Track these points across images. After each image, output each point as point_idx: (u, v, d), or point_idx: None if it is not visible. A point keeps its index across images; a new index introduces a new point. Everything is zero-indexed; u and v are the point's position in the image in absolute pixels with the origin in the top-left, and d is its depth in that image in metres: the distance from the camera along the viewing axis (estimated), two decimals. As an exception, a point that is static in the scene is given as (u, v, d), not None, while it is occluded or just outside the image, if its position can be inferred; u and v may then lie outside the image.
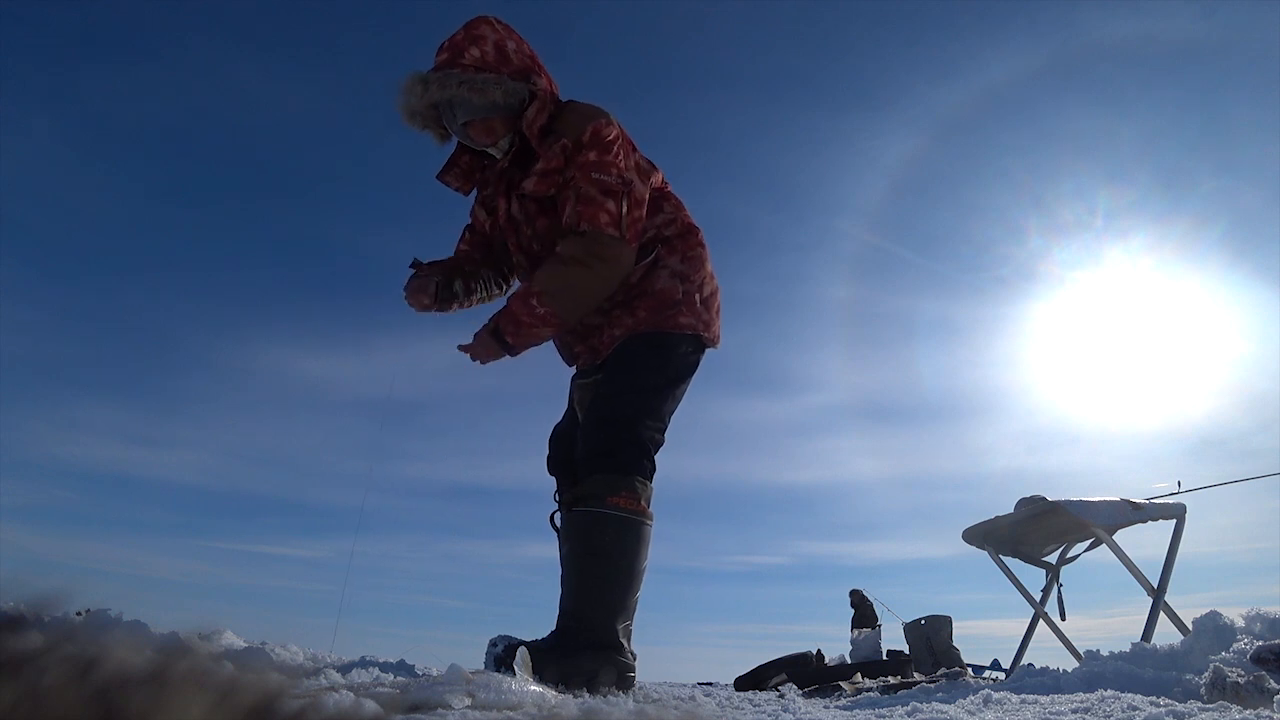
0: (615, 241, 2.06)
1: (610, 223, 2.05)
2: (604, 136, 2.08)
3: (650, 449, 2.15)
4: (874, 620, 8.11)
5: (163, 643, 1.28)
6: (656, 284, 2.23)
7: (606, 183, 2.05)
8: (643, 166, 2.23)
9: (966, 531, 4.06)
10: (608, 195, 2.05)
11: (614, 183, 2.06)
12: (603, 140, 2.08)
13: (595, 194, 2.04)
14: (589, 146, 2.07)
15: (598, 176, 2.05)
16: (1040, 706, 1.66)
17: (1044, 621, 3.85)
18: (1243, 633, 2.08)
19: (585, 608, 2.01)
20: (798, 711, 1.82)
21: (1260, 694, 1.58)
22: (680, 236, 2.31)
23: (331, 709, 0.78)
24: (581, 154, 2.07)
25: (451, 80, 2.09)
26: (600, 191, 2.05)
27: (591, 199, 2.04)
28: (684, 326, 2.23)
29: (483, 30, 2.15)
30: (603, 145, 2.08)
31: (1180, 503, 3.50)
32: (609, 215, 2.05)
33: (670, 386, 2.23)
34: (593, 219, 2.04)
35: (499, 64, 2.13)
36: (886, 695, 2.59)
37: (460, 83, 2.09)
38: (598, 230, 2.04)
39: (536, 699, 1.09)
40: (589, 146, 2.07)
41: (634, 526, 2.05)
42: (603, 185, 2.05)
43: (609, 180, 2.06)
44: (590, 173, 2.05)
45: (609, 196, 2.05)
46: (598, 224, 2.04)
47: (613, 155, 2.08)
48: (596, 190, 2.04)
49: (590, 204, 2.04)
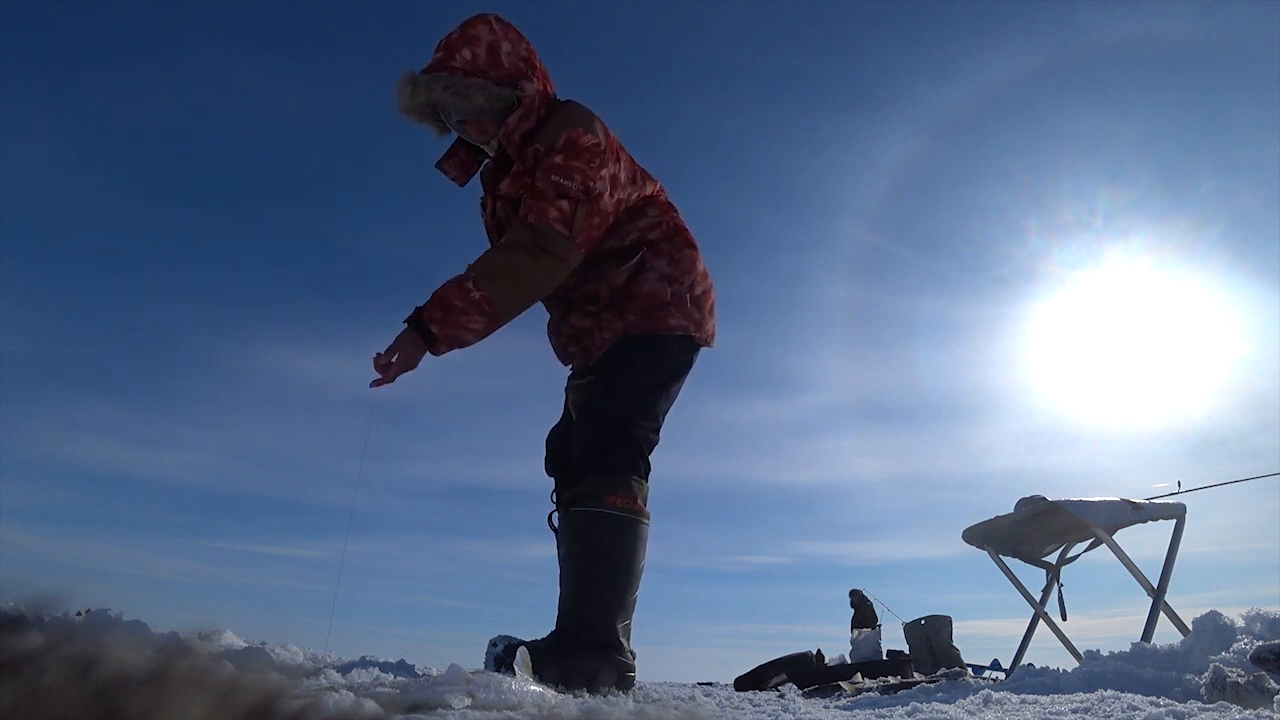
0: (563, 239, 2.04)
1: (559, 219, 2.03)
2: (578, 144, 2.07)
3: (645, 449, 2.15)
4: (874, 620, 8.11)
5: (163, 643, 1.28)
6: (644, 287, 2.23)
7: (564, 186, 2.04)
8: (629, 177, 2.22)
9: (966, 531, 4.06)
10: (561, 196, 2.03)
11: (572, 187, 2.04)
12: (575, 146, 2.06)
13: (549, 192, 2.03)
14: (559, 151, 2.06)
15: (556, 179, 2.04)
16: (1040, 706, 1.66)
17: (1044, 621, 3.85)
18: (1243, 633, 2.08)
19: (584, 607, 2.01)
20: (798, 711, 1.82)
21: (1260, 694, 1.58)
22: (666, 239, 2.30)
23: (331, 709, 0.78)
24: (548, 157, 2.06)
25: (437, 84, 2.10)
26: (555, 192, 2.03)
27: (544, 195, 2.04)
28: (674, 327, 2.23)
29: (479, 30, 2.15)
30: (573, 151, 2.06)
31: (1180, 503, 3.51)
32: (559, 212, 2.03)
33: (663, 386, 2.23)
34: (541, 214, 2.03)
35: (489, 67, 2.13)
36: (886, 695, 2.59)
37: (445, 87, 2.09)
38: (545, 224, 2.03)
39: (536, 699, 1.09)
40: (559, 151, 2.06)
41: (631, 526, 2.05)
42: (559, 187, 2.03)
43: (567, 184, 2.04)
44: (550, 174, 2.04)
45: (563, 198, 2.03)
46: (545, 219, 2.03)
47: (581, 162, 2.06)
48: (552, 190, 2.03)
49: (541, 199, 2.03)
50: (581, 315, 2.29)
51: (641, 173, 2.30)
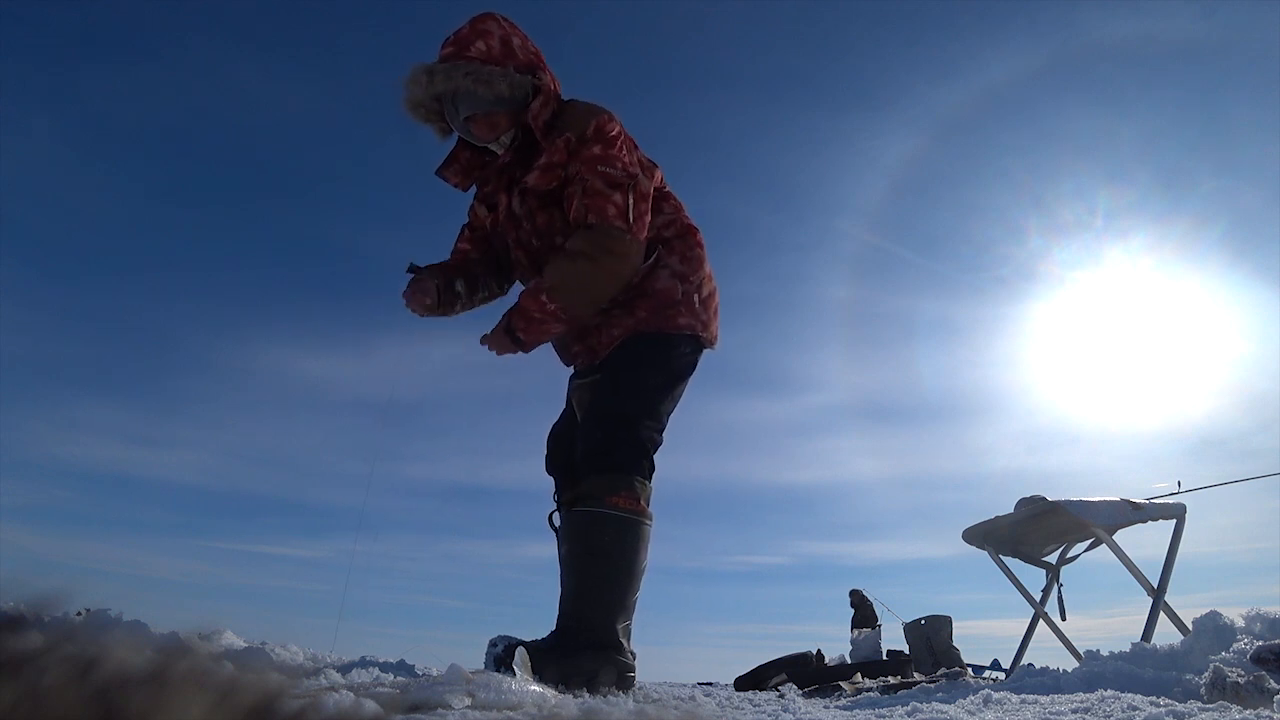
0: (623, 234, 2.05)
1: (618, 215, 2.04)
2: (607, 131, 2.08)
3: (649, 449, 2.15)
4: (874, 620, 8.11)
5: (163, 643, 1.28)
6: (656, 284, 2.23)
7: (613, 176, 2.05)
8: (645, 164, 2.23)
9: (966, 531, 4.06)
10: (614, 188, 2.04)
11: (620, 176, 2.05)
12: (606, 135, 2.08)
13: (602, 187, 2.04)
14: (593, 140, 2.06)
15: (604, 169, 2.04)
16: (1040, 706, 1.66)
17: (1044, 621, 3.85)
18: (1243, 633, 2.08)
19: (585, 608, 2.01)
20: (798, 711, 1.81)
21: (1260, 694, 1.58)
22: (679, 237, 2.30)
23: (331, 709, 0.78)
24: (586, 148, 2.06)
25: (458, 71, 2.09)
26: (606, 184, 2.04)
27: (598, 192, 2.04)
28: (683, 327, 2.23)
29: (488, 25, 2.15)
30: (607, 140, 2.07)
31: (1180, 503, 3.51)
32: (616, 208, 2.04)
33: (669, 386, 2.23)
34: (600, 212, 2.03)
35: (505, 58, 2.13)
36: (886, 695, 2.59)
37: (466, 74, 2.08)
38: (606, 223, 2.03)
39: (536, 699, 1.09)
40: (593, 140, 2.06)
41: (633, 526, 2.05)
42: (609, 178, 2.04)
43: (615, 174, 2.05)
44: (596, 166, 2.05)
45: (615, 189, 2.04)
46: (605, 217, 2.03)
47: (617, 149, 2.08)
48: (603, 183, 2.04)
49: (597, 197, 2.04)
50: None
51: (648, 162, 2.30)
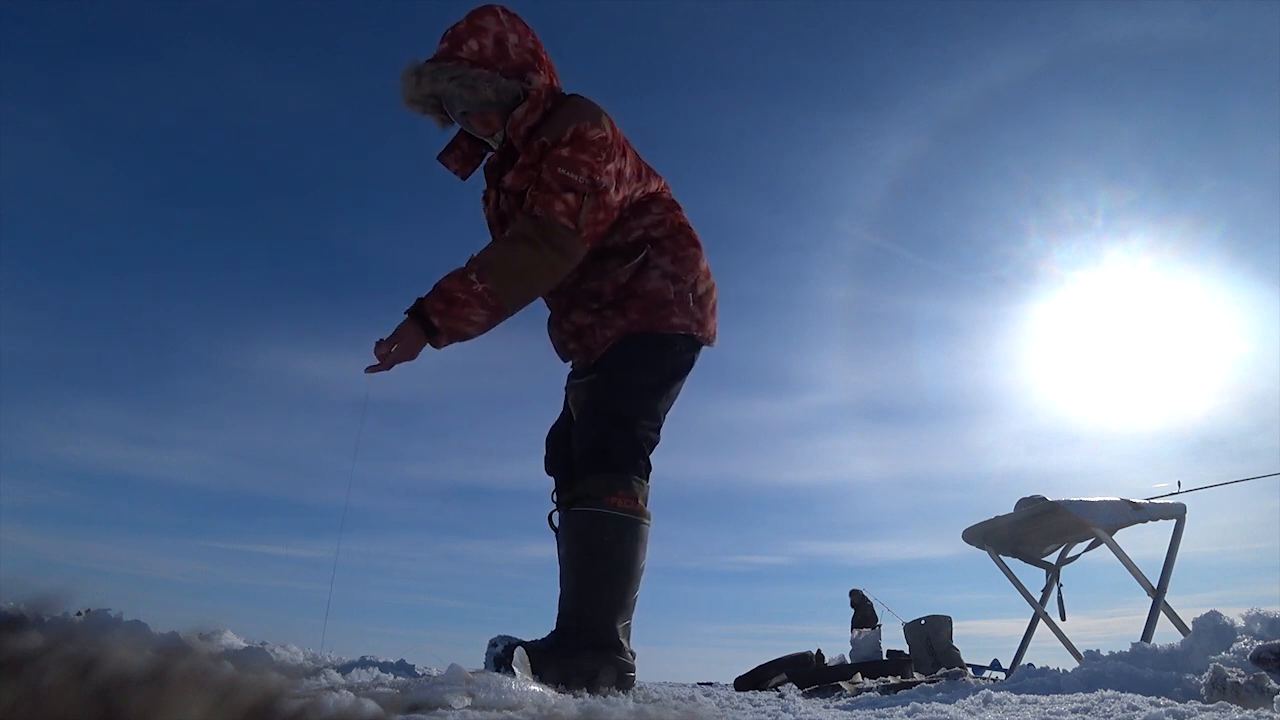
0: (568, 231, 2.02)
1: (565, 213, 2.02)
2: (585, 137, 2.06)
3: (645, 448, 2.15)
4: (874, 620, 8.11)
5: (163, 643, 1.28)
6: (647, 285, 2.22)
7: (570, 179, 2.02)
8: (634, 173, 2.21)
9: (966, 531, 4.06)
10: (568, 190, 2.02)
11: (579, 180, 2.03)
12: (583, 140, 2.05)
13: (556, 186, 2.02)
14: (565, 144, 2.05)
15: (563, 172, 2.02)
16: (1040, 706, 1.66)
17: (1044, 621, 3.85)
18: (1243, 633, 2.08)
19: (584, 607, 2.01)
20: (798, 711, 1.82)
21: (1260, 694, 1.58)
22: (670, 237, 2.29)
23: (331, 709, 0.78)
24: (555, 149, 2.05)
25: (443, 75, 2.08)
26: (561, 185, 2.02)
27: (550, 188, 2.02)
28: (677, 326, 2.22)
29: (486, 21, 2.14)
30: (580, 144, 2.05)
31: (1180, 503, 3.51)
32: (565, 206, 2.02)
33: (664, 385, 2.22)
34: (547, 206, 2.01)
35: (496, 59, 2.12)
36: (886, 695, 2.59)
37: (452, 78, 2.07)
38: (550, 217, 2.01)
39: (536, 699, 1.09)
40: (565, 144, 2.05)
41: (632, 526, 2.05)
42: (565, 180, 2.02)
43: (574, 177, 2.03)
44: (557, 167, 2.03)
45: (569, 191, 2.02)
46: (551, 211, 2.01)
47: (589, 155, 2.05)
48: (558, 184, 2.02)
49: (548, 192, 2.02)
50: (583, 312, 2.28)
51: (647, 169, 2.29)
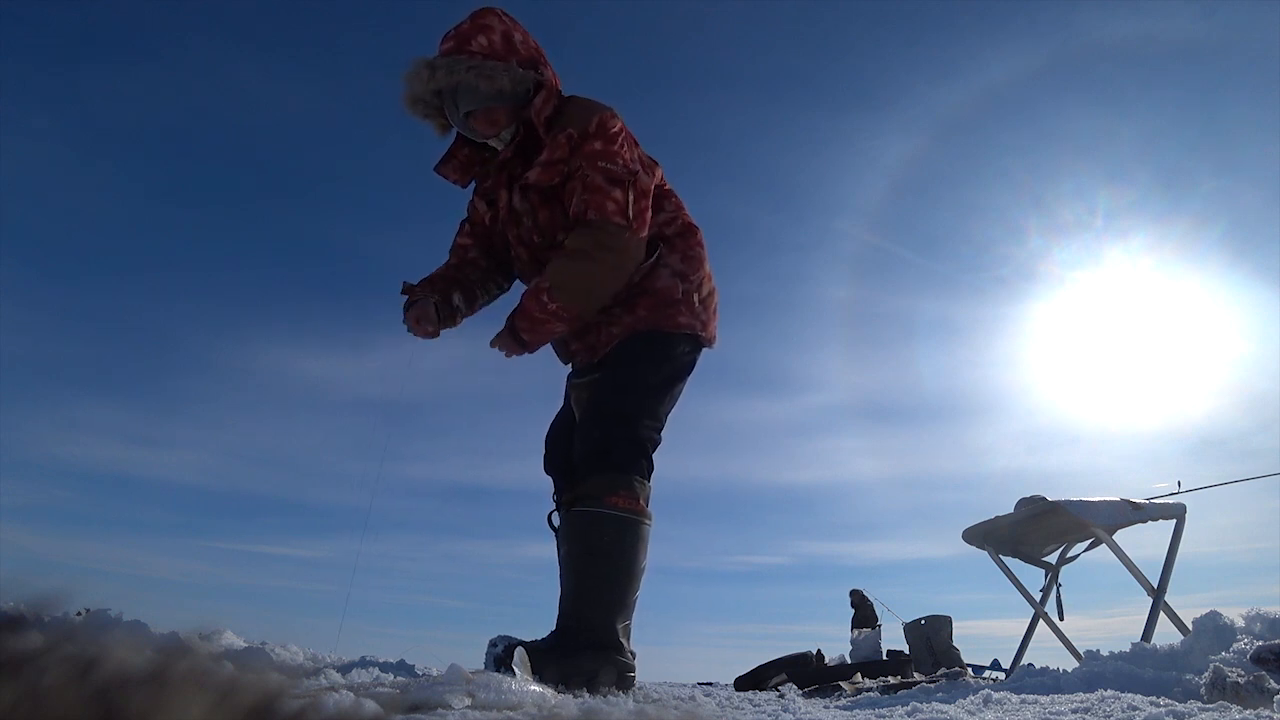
0: (623, 230, 2.05)
1: (618, 211, 2.04)
2: (609, 128, 2.08)
3: (648, 448, 2.15)
4: (874, 620, 8.12)
5: (163, 643, 1.28)
6: (657, 282, 2.23)
7: (613, 171, 2.04)
8: (645, 162, 2.23)
9: (966, 531, 4.06)
10: (614, 184, 2.04)
11: (621, 172, 2.05)
12: (608, 131, 2.08)
13: (602, 183, 2.03)
14: (594, 136, 2.06)
15: (604, 165, 2.04)
16: (1040, 706, 1.66)
17: (1044, 621, 3.85)
18: (1243, 633, 2.08)
19: (585, 608, 2.01)
20: (798, 711, 1.81)
21: (1260, 694, 1.57)
22: (680, 235, 2.30)
23: (331, 709, 0.78)
24: (587, 144, 2.06)
25: (459, 66, 2.08)
26: (607, 180, 2.04)
27: (598, 188, 2.04)
28: (682, 326, 2.23)
29: (489, 20, 2.15)
30: (608, 136, 2.07)
31: (1180, 503, 3.51)
32: (616, 204, 2.04)
33: (668, 386, 2.22)
34: (600, 208, 2.03)
35: (506, 53, 2.13)
36: (886, 695, 2.59)
37: (469, 68, 2.07)
38: (605, 219, 2.03)
39: (536, 699, 1.09)
40: (594, 136, 2.06)
41: (633, 526, 2.05)
42: (609, 174, 2.04)
43: (616, 169, 2.05)
44: (597, 162, 2.04)
45: (615, 185, 2.04)
46: (605, 213, 2.03)
47: (618, 146, 2.08)
48: (603, 179, 2.04)
49: (597, 193, 2.03)
50: None
51: (649, 159, 2.30)
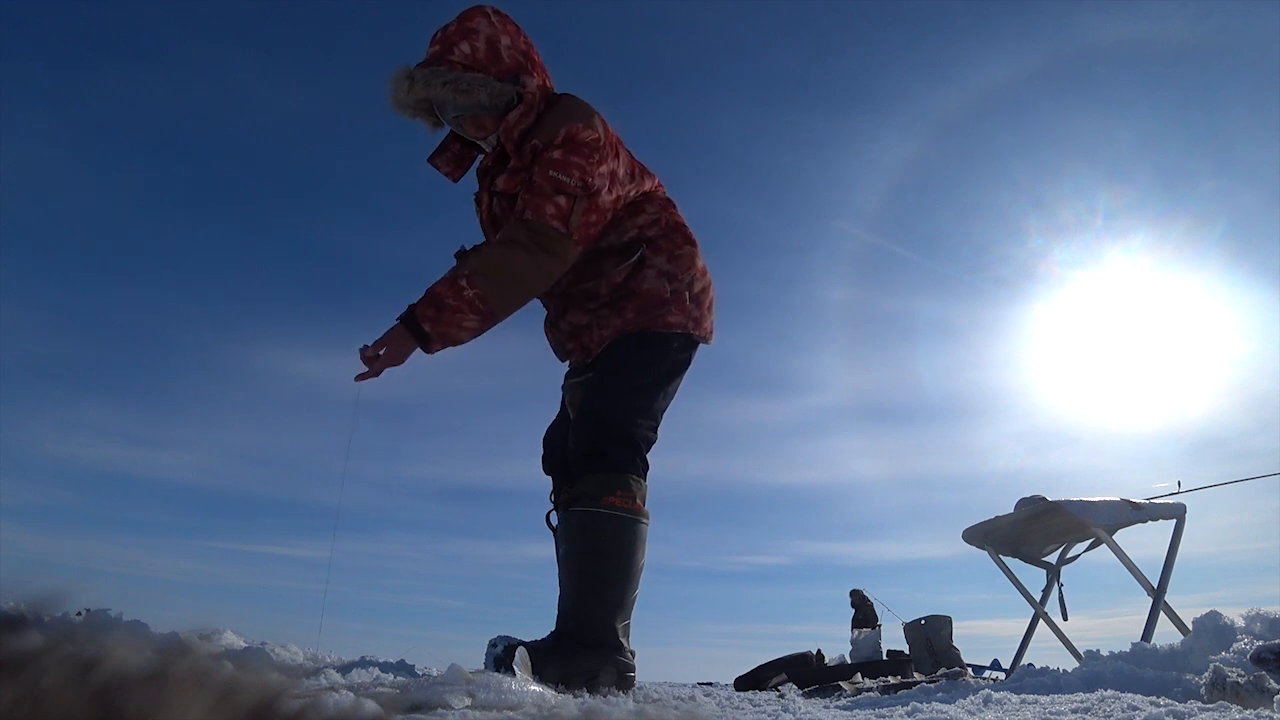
0: (559, 235, 2.02)
1: (556, 216, 2.01)
2: (577, 139, 2.05)
3: (643, 447, 2.14)
4: (874, 620, 8.12)
5: (163, 643, 1.28)
6: (643, 284, 2.22)
7: (562, 182, 2.02)
8: (628, 173, 2.21)
9: (966, 531, 4.06)
10: (559, 192, 2.02)
11: (570, 184, 2.02)
12: (574, 141, 2.04)
13: (547, 188, 2.01)
14: (556, 146, 2.04)
15: (554, 174, 2.02)
16: (1040, 706, 1.66)
17: (1044, 621, 3.85)
18: (1243, 633, 2.08)
19: (584, 607, 2.01)
20: (798, 711, 1.81)
21: (1260, 694, 1.57)
22: (665, 236, 2.28)
23: (331, 709, 0.78)
24: (546, 152, 2.04)
25: (436, 80, 2.06)
26: (552, 187, 2.01)
27: (541, 191, 2.02)
28: (673, 325, 2.22)
29: (476, 22, 2.11)
30: (571, 146, 2.04)
31: (1180, 503, 3.50)
32: (556, 209, 2.01)
33: (661, 384, 2.22)
34: (538, 209, 2.01)
35: (489, 62, 2.10)
36: (886, 695, 2.59)
37: (445, 83, 2.05)
38: (541, 220, 2.01)
39: (536, 699, 1.10)
40: (556, 146, 2.04)
41: (630, 525, 2.05)
42: (557, 183, 2.02)
43: (565, 180, 2.02)
44: (548, 170, 2.02)
45: (560, 193, 2.02)
46: (542, 215, 2.01)
47: (580, 157, 2.04)
48: (549, 185, 2.01)
49: (539, 195, 2.02)
50: (579, 312, 2.28)
51: (640, 168, 2.28)
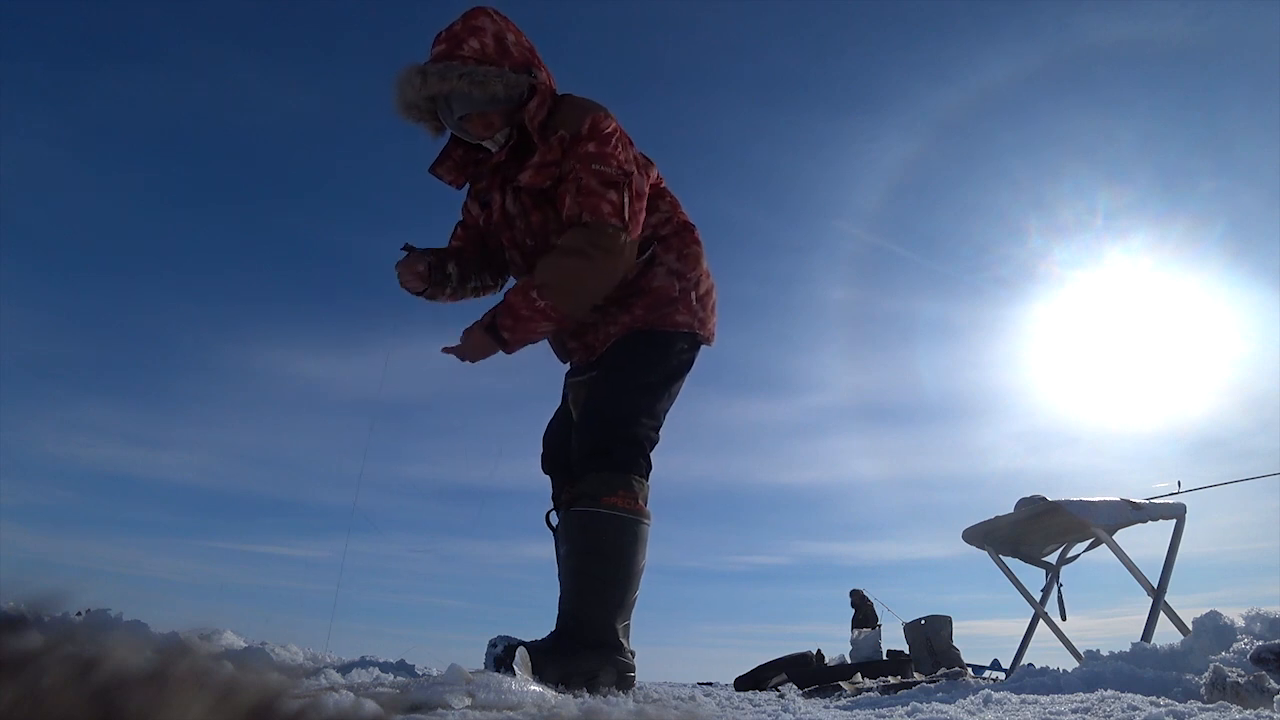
0: (618, 232, 2.03)
1: (613, 213, 2.02)
2: (602, 129, 2.06)
3: (646, 447, 2.14)
4: (874, 620, 8.12)
5: (163, 643, 1.28)
6: (653, 282, 2.22)
7: (607, 174, 2.02)
8: (639, 161, 2.22)
9: (966, 531, 4.06)
10: (609, 186, 2.02)
11: (614, 174, 2.03)
12: (601, 132, 2.06)
13: (596, 185, 2.02)
14: (587, 138, 2.05)
15: (598, 168, 2.02)
16: (1040, 706, 1.66)
17: (1044, 621, 3.84)
18: (1243, 633, 2.08)
19: (584, 607, 2.01)
20: (798, 711, 1.81)
21: (1260, 694, 1.57)
22: (676, 234, 2.29)
23: (331, 709, 0.78)
24: (580, 145, 2.05)
25: (451, 73, 2.05)
26: (601, 182, 2.02)
27: (593, 190, 2.02)
28: (680, 324, 2.23)
29: (481, 21, 2.12)
30: (601, 137, 2.05)
31: (1180, 503, 3.50)
32: (611, 205, 2.02)
33: (666, 384, 2.22)
34: (595, 209, 2.01)
35: (499, 56, 2.10)
36: (886, 695, 2.59)
37: (460, 75, 2.05)
38: (601, 221, 2.01)
39: (536, 699, 1.10)
40: (587, 138, 2.05)
41: (631, 525, 2.05)
42: (603, 176, 2.02)
43: (609, 171, 2.03)
44: (590, 164, 2.03)
45: (610, 187, 2.03)
46: (600, 214, 2.01)
47: (611, 147, 2.06)
48: (597, 181, 2.02)
49: (592, 195, 2.02)
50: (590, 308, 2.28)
51: (644, 158, 2.29)
